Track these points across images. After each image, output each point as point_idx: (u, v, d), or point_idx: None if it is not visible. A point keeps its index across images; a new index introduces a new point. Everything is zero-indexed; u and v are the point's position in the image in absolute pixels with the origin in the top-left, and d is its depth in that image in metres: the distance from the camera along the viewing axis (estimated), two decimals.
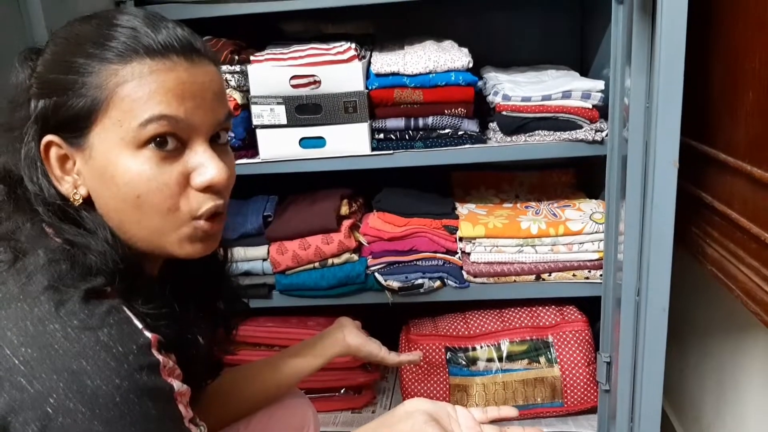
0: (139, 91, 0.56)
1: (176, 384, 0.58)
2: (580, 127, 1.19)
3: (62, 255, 0.56)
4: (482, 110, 1.29)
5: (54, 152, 0.59)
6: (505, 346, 1.35)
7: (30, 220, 0.58)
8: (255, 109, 1.22)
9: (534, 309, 1.39)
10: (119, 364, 0.52)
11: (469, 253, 1.30)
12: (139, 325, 0.56)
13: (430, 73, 1.20)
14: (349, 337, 0.98)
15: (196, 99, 0.58)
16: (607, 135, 1.17)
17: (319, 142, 1.23)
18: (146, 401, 0.53)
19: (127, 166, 0.57)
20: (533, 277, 1.29)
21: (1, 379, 0.51)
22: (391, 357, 1.01)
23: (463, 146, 1.24)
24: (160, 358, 0.56)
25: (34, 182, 0.59)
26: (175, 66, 0.57)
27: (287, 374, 0.93)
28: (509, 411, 0.81)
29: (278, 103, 1.21)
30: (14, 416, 0.50)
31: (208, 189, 0.60)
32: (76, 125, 0.57)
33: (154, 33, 0.57)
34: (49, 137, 0.58)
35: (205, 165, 0.60)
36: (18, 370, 0.51)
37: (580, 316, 1.36)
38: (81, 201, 0.59)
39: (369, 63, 1.26)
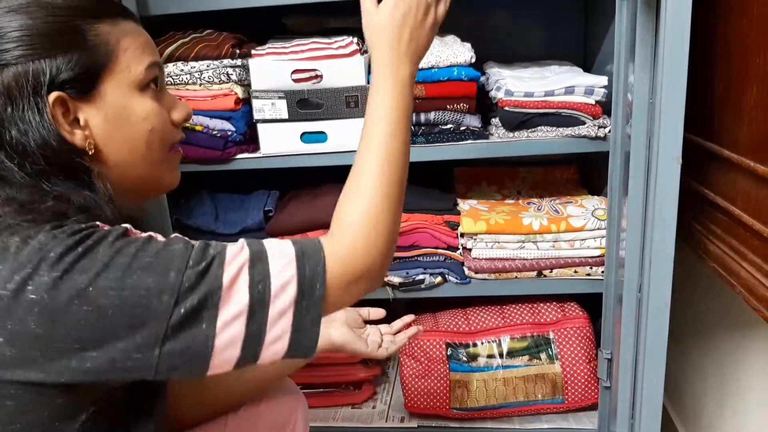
0: (134, 43, 0.66)
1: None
2: (583, 123, 1.19)
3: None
4: (485, 106, 1.29)
5: (61, 108, 0.61)
6: (506, 343, 1.34)
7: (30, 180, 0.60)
8: (256, 104, 1.21)
9: (535, 305, 1.38)
10: (84, 236, 0.56)
11: (470, 249, 1.29)
12: None
13: (432, 68, 1.19)
14: (335, 334, 0.97)
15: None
16: (610, 131, 1.17)
17: (320, 136, 1.23)
18: (120, 241, 0.57)
19: (141, 105, 0.66)
20: (534, 273, 1.28)
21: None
22: (380, 353, 1.00)
23: (465, 142, 1.23)
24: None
25: (44, 138, 0.60)
26: (137, 26, 0.69)
27: (271, 371, 0.93)
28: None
29: (279, 98, 1.21)
30: (16, 331, 0.53)
31: (181, 123, 0.72)
32: (87, 78, 0.63)
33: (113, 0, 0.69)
34: (56, 94, 0.61)
35: (178, 104, 0.72)
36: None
37: (581, 313, 1.36)
38: (93, 151, 0.64)
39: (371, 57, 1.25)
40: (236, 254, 0.59)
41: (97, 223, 0.59)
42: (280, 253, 0.61)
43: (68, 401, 0.57)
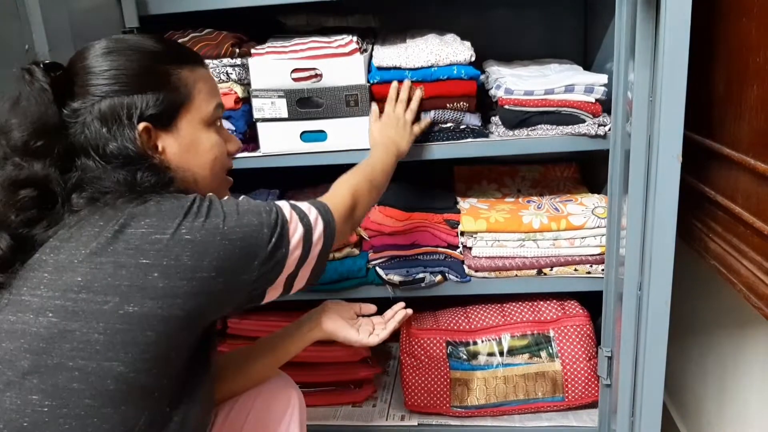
0: (206, 87, 0.82)
1: None
2: (583, 121, 1.19)
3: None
4: (484, 104, 1.28)
5: (146, 135, 0.76)
6: (506, 341, 1.35)
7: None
8: (256, 103, 1.21)
9: (535, 303, 1.38)
10: (203, 198, 0.75)
11: (470, 248, 1.29)
12: None
13: (432, 66, 1.19)
14: (326, 323, 1.04)
15: None
16: (610, 129, 1.17)
17: (320, 135, 1.23)
18: (223, 200, 0.77)
19: (208, 138, 0.82)
20: (535, 271, 1.28)
21: (140, 247, 0.68)
22: (371, 339, 1.05)
23: (465, 140, 1.23)
24: None
25: (136, 153, 0.74)
26: (209, 72, 0.85)
27: (268, 361, 1.01)
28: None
29: (279, 97, 1.21)
30: (170, 265, 0.68)
31: (234, 154, 0.90)
32: (169, 114, 0.78)
33: (192, 50, 0.88)
34: (144, 124, 0.75)
35: (231, 138, 0.89)
36: (148, 233, 0.69)
37: (581, 311, 1.36)
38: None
39: (371, 56, 1.25)
40: (281, 204, 0.80)
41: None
42: (299, 202, 0.84)
43: (187, 335, 0.71)
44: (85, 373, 0.65)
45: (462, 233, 1.30)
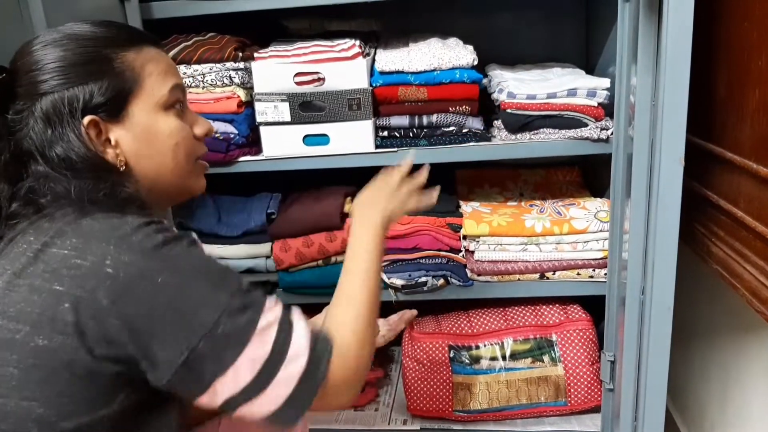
0: (157, 68, 0.73)
1: None
2: (586, 125, 1.19)
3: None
4: (487, 108, 1.29)
5: (94, 130, 0.68)
6: (509, 345, 1.34)
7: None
8: (259, 106, 1.22)
9: (538, 308, 1.38)
10: (160, 229, 0.63)
11: (473, 252, 1.29)
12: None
13: (434, 70, 1.19)
14: None
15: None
16: (612, 133, 1.17)
17: (322, 139, 1.23)
18: (192, 247, 0.64)
19: (166, 123, 0.73)
20: (537, 275, 1.28)
21: (57, 271, 0.59)
22: (377, 341, 1.03)
23: (468, 144, 1.23)
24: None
25: (84, 155, 0.67)
26: (161, 52, 0.76)
27: None
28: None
29: (282, 101, 1.21)
30: (83, 298, 0.57)
31: (203, 137, 0.79)
32: (116, 102, 0.69)
33: (138, 29, 0.79)
34: (90, 117, 0.67)
35: (200, 121, 0.79)
36: (69, 256, 0.59)
37: (584, 315, 1.36)
38: (124, 167, 0.70)
39: (373, 60, 1.25)
40: (272, 308, 0.65)
41: (164, 220, 0.67)
42: (303, 327, 0.67)
43: (116, 384, 0.60)
44: (4, 413, 0.57)
45: (464, 237, 1.30)
